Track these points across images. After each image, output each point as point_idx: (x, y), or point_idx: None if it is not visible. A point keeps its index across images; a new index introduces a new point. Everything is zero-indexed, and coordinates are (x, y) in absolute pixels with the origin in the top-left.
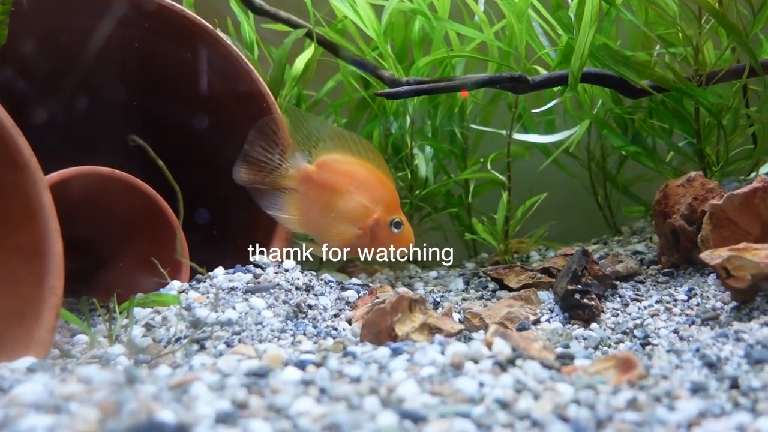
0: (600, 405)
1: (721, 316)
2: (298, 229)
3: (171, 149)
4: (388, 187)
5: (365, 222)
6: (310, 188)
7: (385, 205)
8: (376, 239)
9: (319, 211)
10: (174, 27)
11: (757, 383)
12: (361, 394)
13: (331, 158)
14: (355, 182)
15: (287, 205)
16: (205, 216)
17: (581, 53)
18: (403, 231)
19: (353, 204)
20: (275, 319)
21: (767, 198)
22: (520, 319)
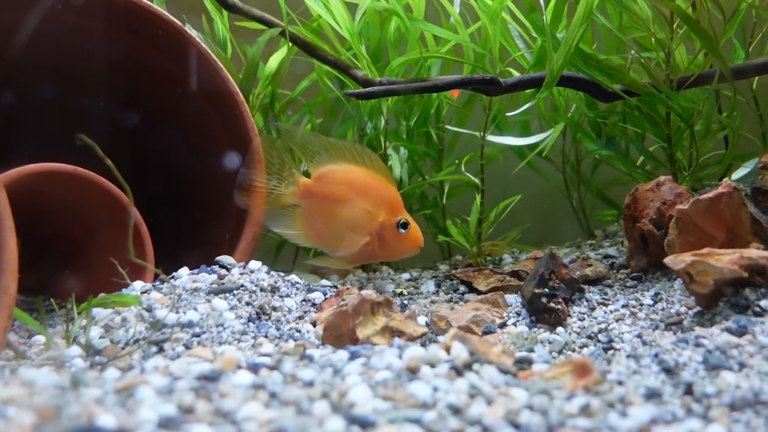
0: (553, 411)
1: (684, 321)
2: (307, 243)
3: (138, 148)
4: (389, 189)
5: (371, 227)
6: (312, 202)
7: (388, 207)
8: (385, 242)
9: (324, 222)
10: (141, 23)
11: (712, 389)
12: (312, 398)
13: (328, 169)
14: (354, 189)
15: (292, 221)
16: (173, 216)
17: (566, 52)
18: (411, 230)
19: (356, 211)
20: (237, 321)
21: (732, 203)
22: (486, 322)
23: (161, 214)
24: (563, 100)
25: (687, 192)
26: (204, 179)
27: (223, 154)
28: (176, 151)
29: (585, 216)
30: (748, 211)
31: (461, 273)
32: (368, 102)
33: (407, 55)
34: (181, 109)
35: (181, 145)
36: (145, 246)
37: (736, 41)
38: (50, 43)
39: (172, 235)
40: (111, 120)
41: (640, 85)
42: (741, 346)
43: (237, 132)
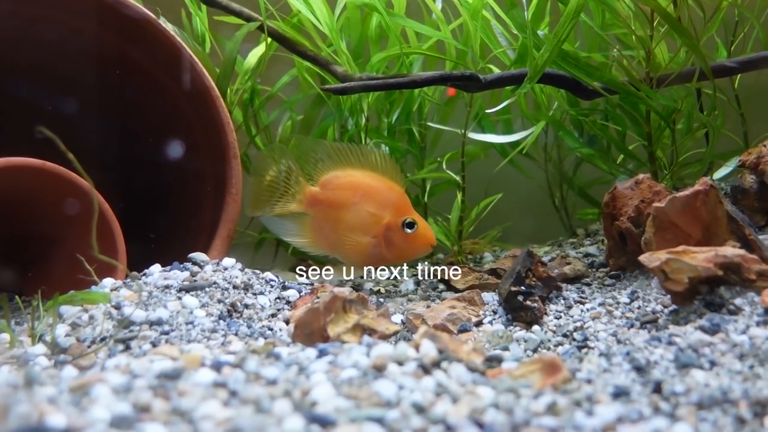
0: (518, 409)
1: (660, 320)
2: (316, 250)
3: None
4: (395, 190)
5: (376, 229)
6: (318, 209)
7: (393, 208)
8: (392, 244)
9: (331, 228)
10: (115, 16)
11: (681, 388)
12: (274, 396)
13: (332, 175)
14: (359, 193)
15: (300, 229)
16: (149, 213)
17: (551, 49)
18: (418, 229)
19: (361, 214)
20: (207, 319)
21: (709, 201)
22: (462, 320)
23: (136, 211)
24: (545, 98)
25: (665, 190)
26: (180, 176)
27: (199, 150)
28: (150, 147)
29: (567, 214)
30: (725, 209)
31: (439, 271)
32: (349, 98)
33: (387, 51)
34: (155, 104)
35: (154, 140)
36: (117, 243)
37: (719, 39)
38: (13, 34)
39: (148, 233)
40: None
41: (619, 83)
42: (713, 345)
43: (213, 128)
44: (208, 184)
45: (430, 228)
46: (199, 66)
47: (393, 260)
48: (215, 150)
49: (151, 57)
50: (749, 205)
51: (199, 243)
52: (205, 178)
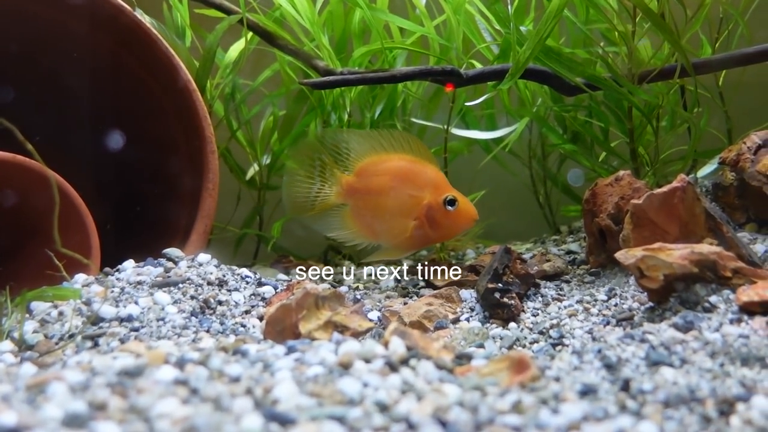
0: (483, 407)
1: (635, 317)
2: (361, 240)
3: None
4: (431, 169)
5: (418, 210)
6: (357, 198)
7: (432, 188)
8: (435, 223)
9: (372, 216)
10: (89, 7)
11: (649, 386)
12: (235, 394)
13: (367, 163)
14: (396, 177)
15: (342, 221)
16: (123, 209)
17: (534, 44)
18: (460, 205)
19: (401, 198)
20: (179, 315)
21: (686, 198)
22: (439, 317)
23: (113, 206)
24: (529, 94)
25: (645, 187)
26: (157, 170)
27: (177, 144)
28: (126, 141)
29: (551, 211)
30: (702, 206)
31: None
32: (331, 93)
33: (368, 46)
34: (131, 97)
35: (131, 134)
36: (91, 238)
37: (703, 36)
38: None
39: (125, 228)
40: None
41: (600, 79)
42: (686, 342)
43: (190, 122)
44: (186, 179)
45: (470, 203)
46: (176, 59)
47: (438, 239)
48: (193, 144)
49: (127, 50)
50: (730, 203)
51: (176, 238)
52: (182, 173)
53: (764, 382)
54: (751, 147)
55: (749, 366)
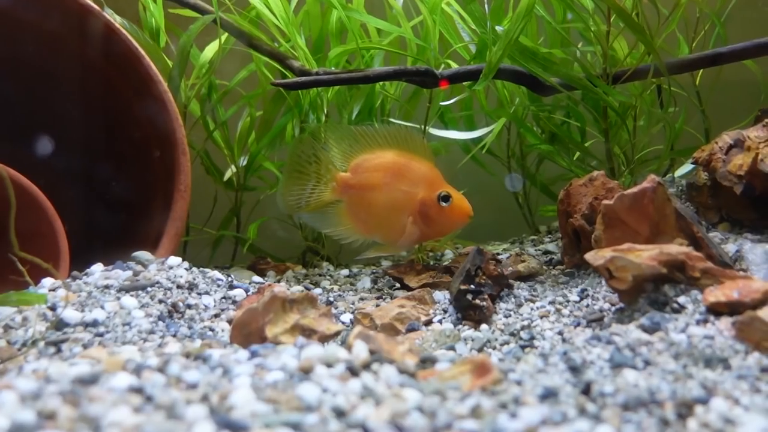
0: (442, 412)
1: (605, 318)
2: (357, 236)
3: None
4: (425, 165)
5: (412, 206)
6: (352, 194)
7: (426, 184)
8: (429, 219)
9: (367, 212)
10: (58, 6)
11: (610, 388)
12: (191, 401)
13: (362, 159)
14: (390, 173)
15: (338, 217)
16: (96, 212)
17: (505, 45)
18: (454, 202)
19: (395, 193)
20: (145, 320)
21: (656, 198)
22: (411, 319)
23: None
24: (507, 94)
25: (618, 187)
26: (129, 172)
27: (148, 146)
28: (97, 143)
29: (530, 211)
30: (672, 206)
31: (392, 269)
32: (308, 94)
33: (344, 46)
34: (101, 97)
35: (101, 136)
36: (59, 241)
37: (680, 36)
38: None
39: (97, 232)
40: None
41: (575, 79)
42: (651, 344)
43: (161, 123)
44: (158, 180)
45: (465, 199)
46: (147, 60)
47: (433, 235)
48: (164, 146)
49: (96, 50)
50: (703, 202)
51: (148, 241)
52: (155, 174)
53: (725, 384)
54: (723, 147)
55: (712, 367)
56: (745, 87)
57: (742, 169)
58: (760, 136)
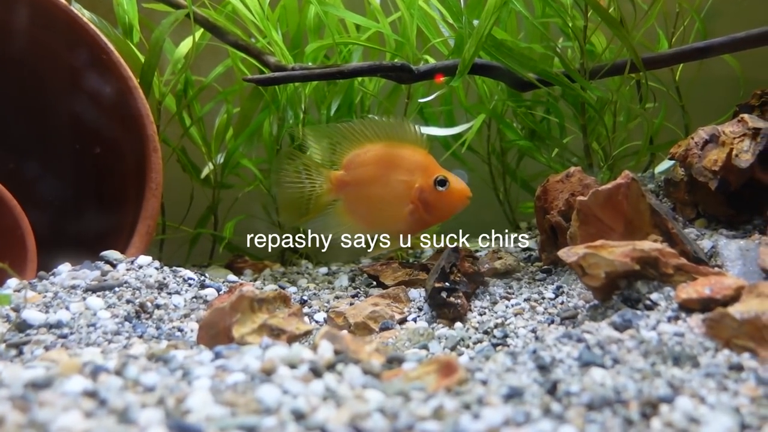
0: (404, 414)
1: (579, 315)
2: (360, 232)
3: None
4: (418, 152)
5: (411, 194)
6: (349, 191)
7: (422, 170)
8: (429, 204)
9: (365, 207)
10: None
11: (576, 387)
12: (146, 405)
13: (354, 154)
14: (384, 164)
15: (338, 217)
16: (65, 210)
17: (477, 40)
18: (451, 184)
19: (392, 184)
20: (111, 321)
21: (630, 194)
22: (385, 318)
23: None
24: (487, 90)
25: (595, 183)
26: (100, 171)
27: (119, 143)
28: (67, 141)
29: (510, 207)
30: (647, 202)
31: (368, 267)
32: (285, 90)
33: (320, 42)
34: (71, 94)
35: (72, 133)
36: (26, 241)
37: (660, 31)
38: None
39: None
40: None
41: (551, 75)
42: (621, 341)
43: (131, 120)
44: (130, 179)
45: (462, 181)
46: (116, 55)
47: (434, 221)
48: (135, 144)
49: (66, 45)
50: (680, 198)
51: (120, 240)
52: (126, 173)
53: (692, 382)
54: (699, 142)
55: (680, 365)
56: (727, 82)
57: (716, 164)
58: (735, 132)
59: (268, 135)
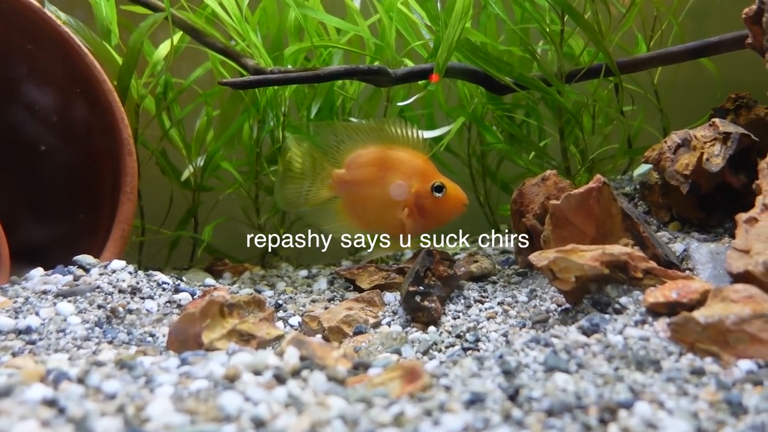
0: (364, 421)
1: (550, 319)
2: (356, 232)
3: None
4: (418, 157)
5: (407, 198)
6: (348, 190)
7: (419, 175)
8: (425, 210)
9: (363, 207)
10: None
11: (538, 393)
12: (105, 413)
13: (356, 154)
14: (383, 167)
15: (335, 214)
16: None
17: (448, 45)
18: (448, 191)
19: (389, 187)
20: (81, 326)
21: (602, 198)
22: (359, 322)
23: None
24: (467, 92)
25: (570, 186)
26: (76, 175)
27: (95, 147)
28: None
29: (491, 210)
30: (618, 206)
31: (344, 270)
32: (265, 93)
33: (299, 44)
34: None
35: (48, 138)
36: None
37: (639, 34)
38: None
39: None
40: None
41: (528, 78)
42: (588, 346)
43: (107, 123)
44: (106, 182)
45: (459, 188)
46: (90, 58)
47: (430, 226)
48: (111, 147)
49: (40, 47)
50: (655, 201)
51: (96, 244)
52: (102, 176)
53: (653, 386)
54: (671, 146)
55: (643, 370)
56: (709, 85)
57: (688, 168)
58: (706, 136)
59: (248, 138)
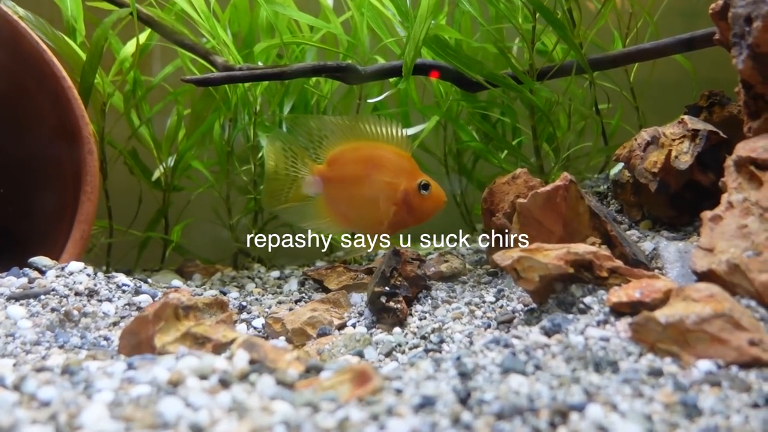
0: (308, 426)
1: (515, 320)
2: (337, 230)
3: None
4: (403, 156)
5: (396, 196)
6: (331, 187)
7: (406, 174)
8: (412, 207)
9: (347, 204)
10: None
11: (490, 395)
12: (36, 421)
13: (339, 151)
14: (369, 164)
15: (316, 211)
16: None
17: (416, 43)
18: (432, 190)
19: (378, 185)
20: (32, 330)
21: (569, 196)
22: (323, 323)
23: None
24: (442, 90)
25: (540, 185)
26: (37, 174)
27: (55, 147)
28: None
29: (467, 209)
30: (586, 204)
31: (312, 271)
32: (235, 90)
33: (268, 42)
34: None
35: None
36: None
37: (615, 32)
38: None
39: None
40: None
41: (499, 76)
42: (548, 347)
43: (67, 122)
44: (68, 183)
45: (439, 186)
46: (48, 54)
47: (414, 223)
48: (70, 145)
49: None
50: (627, 200)
51: (55, 246)
52: (64, 176)
53: (608, 388)
54: (641, 144)
55: (600, 371)
56: (685, 83)
57: (657, 166)
58: (675, 133)
59: (218, 137)
